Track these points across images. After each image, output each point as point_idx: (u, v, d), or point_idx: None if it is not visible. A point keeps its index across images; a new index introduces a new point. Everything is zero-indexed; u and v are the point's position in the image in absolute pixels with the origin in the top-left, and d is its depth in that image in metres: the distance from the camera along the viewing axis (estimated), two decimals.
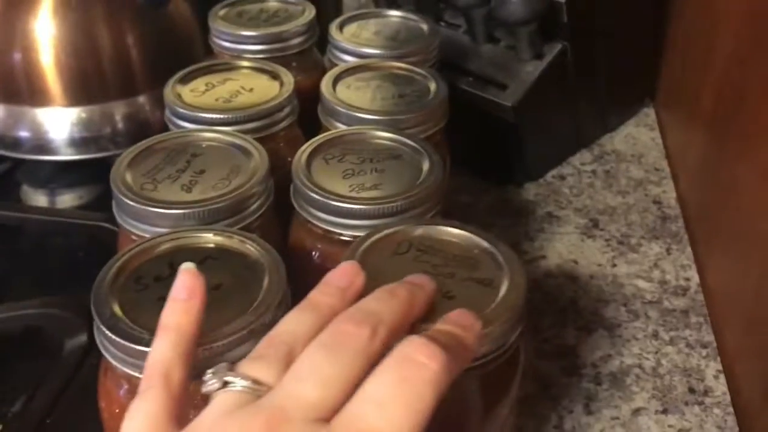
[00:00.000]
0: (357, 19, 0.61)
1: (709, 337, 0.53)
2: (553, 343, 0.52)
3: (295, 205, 0.41)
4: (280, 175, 0.44)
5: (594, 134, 0.73)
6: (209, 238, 0.36)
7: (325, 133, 0.44)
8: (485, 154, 0.67)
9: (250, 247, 0.35)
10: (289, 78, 0.50)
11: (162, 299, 0.30)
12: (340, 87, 0.51)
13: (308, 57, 0.60)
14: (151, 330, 0.29)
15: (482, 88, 0.62)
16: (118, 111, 0.67)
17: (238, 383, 0.26)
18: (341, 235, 0.40)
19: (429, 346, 0.25)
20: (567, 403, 0.48)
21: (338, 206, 0.39)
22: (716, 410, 0.48)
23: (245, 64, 0.52)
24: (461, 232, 0.37)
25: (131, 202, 0.38)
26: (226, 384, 0.26)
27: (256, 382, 0.26)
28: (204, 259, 0.35)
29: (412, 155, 0.43)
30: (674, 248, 0.61)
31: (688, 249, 0.61)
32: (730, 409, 0.48)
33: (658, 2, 0.72)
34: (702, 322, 0.54)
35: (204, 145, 0.43)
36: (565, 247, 0.61)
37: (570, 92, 0.65)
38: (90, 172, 0.66)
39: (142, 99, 0.67)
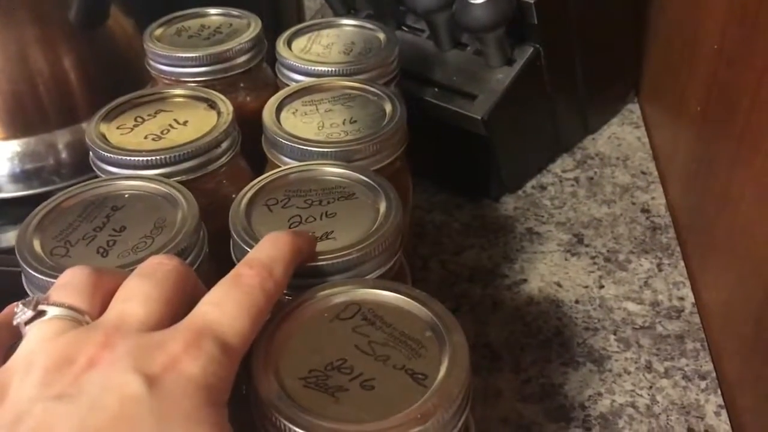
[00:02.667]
0: (307, 31, 0.55)
1: (708, 366, 0.48)
2: (537, 382, 0.48)
3: (236, 262, 0.36)
4: (225, 217, 0.38)
5: (575, 138, 0.68)
6: None
7: (265, 175, 0.39)
8: (457, 169, 0.62)
9: None
10: (227, 106, 0.45)
11: None
12: (285, 114, 0.46)
13: (257, 75, 0.54)
14: None
15: (449, 100, 0.56)
16: (61, 140, 0.62)
17: (56, 311, 0.27)
18: (289, 296, 0.35)
19: (251, 262, 0.29)
20: None
21: None
22: None
23: (179, 92, 0.47)
24: (421, 307, 0.31)
25: (36, 273, 0.33)
26: (41, 313, 0.27)
27: (73, 308, 0.27)
28: None
29: (366, 193, 0.38)
30: (666, 263, 0.56)
31: (681, 263, 0.56)
32: None
33: None
34: (699, 349, 0.49)
35: (126, 195, 0.38)
36: (548, 267, 0.56)
37: (546, 97, 0.60)
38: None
39: (86, 126, 0.62)
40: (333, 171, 0.39)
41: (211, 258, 0.38)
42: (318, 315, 0.31)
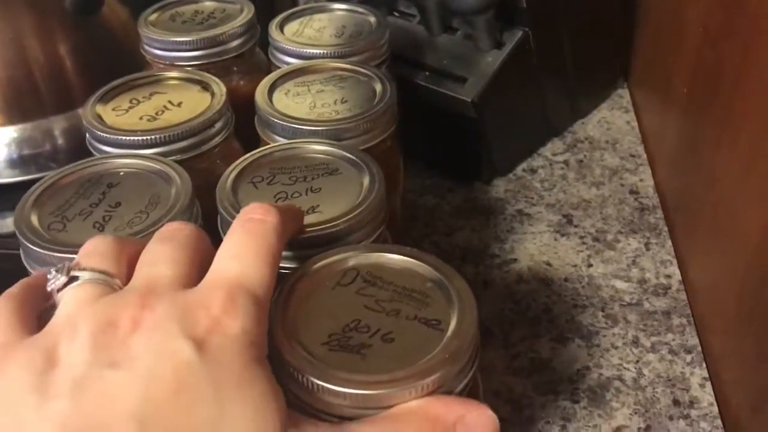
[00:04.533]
0: (299, 16, 0.56)
1: (694, 341, 0.49)
2: (526, 357, 0.49)
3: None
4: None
5: (565, 122, 0.69)
6: None
7: (250, 153, 0.40)
8: (449, 152, 0.63)
9: None
10: (221, 88, 0.46)
11: None
12: (277, 94, 0.46)
13: (250, 59, 0.55)
14: None
15: (439, 83, 0.57)
16: (58, 126, 0.63)
17: (88, 275, 0.27)
18: (283, 269, 0.36)
19: (262, 206, 0.30)
20: (543, 425, 0.45)
21: None
22: (703, 424, 0.44)
23: (173, 74, 0.48)
24: (416, 261, 0.32)
25: (34, 247, 0.34)
26: (74, 279, 0.27)
27: (104, 272, 0.28)
28: None
29: (350, 169, 0.39)
30: (653, 242, 0.57)
31: (669, 243, 0.57)
32: (718, 422, 0.44)
33: None
34: (685, 324, 0.50)
35: (121, 173, 0.39)
36: (537, 247, 0.57)
37: (535, 81, 0.61)
38: None
39: (82, 112, 0.63)
40: (317, 149, 0.40)
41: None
42: (319, 284, 0.32)
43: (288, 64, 0.51)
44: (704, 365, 0.48)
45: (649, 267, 0.55)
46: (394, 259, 0.33)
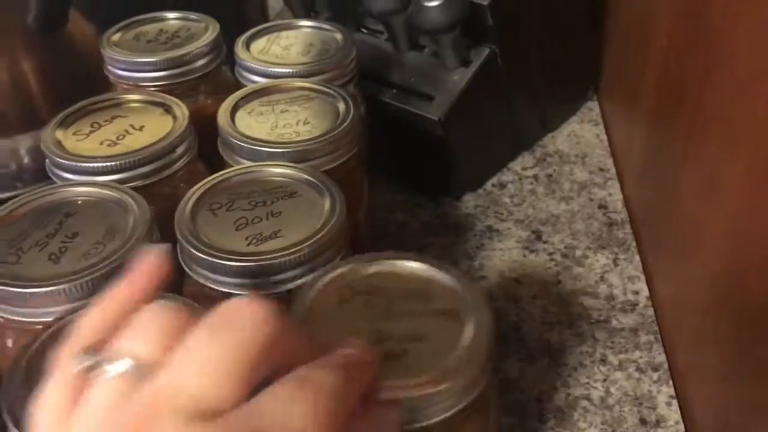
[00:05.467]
0: (266, 33, 0.56)
1: (661, 358, 0.49)
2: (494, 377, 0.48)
3: (186, 268, 0.37)
4: None
5: (535, 136, 0.69)
6: None
7: (207, 179, 0.39)
8: (418, 168, 0.63)
9: None
10: (183, 111, 0.46)
11: None
12: (240, 114, 0.46)
13: (216, 78, 0.55)
14: None
15: (407, 101, 0.57)
16: (23, 146, 0.62)
17: (121, 366, 0.23)
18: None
19: (319, 370, 0.24)
20: None
21: (237, 266, 0.35)
22: None
23: (135, 97, 0.47)
24: (398, 263, 0.34)
25: None
26: (102, 366, 0.24)
27: (140, 362, 0.23)
28: None
29: (310, 191, 0.39)
30: (621, 258, 0.57)
31: (637, 258, 0.57)
32: None
33: None
34: (653, 341, 0.51)
35: (79, 202, 0.38)
36: (507, 264, 0.57)
37: (503, 97, 0.61)
38: None
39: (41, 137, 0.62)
40: (275, 171, 0.40)
41: None
42: (324, 306, 0.32)
43: (254, 82, 0.51)
44: (671, 383, 0.48)
45: (617, 283, 0.55)
46: (379, 266, 0.34)
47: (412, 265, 0.33)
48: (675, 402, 0.47)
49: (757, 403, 0.38)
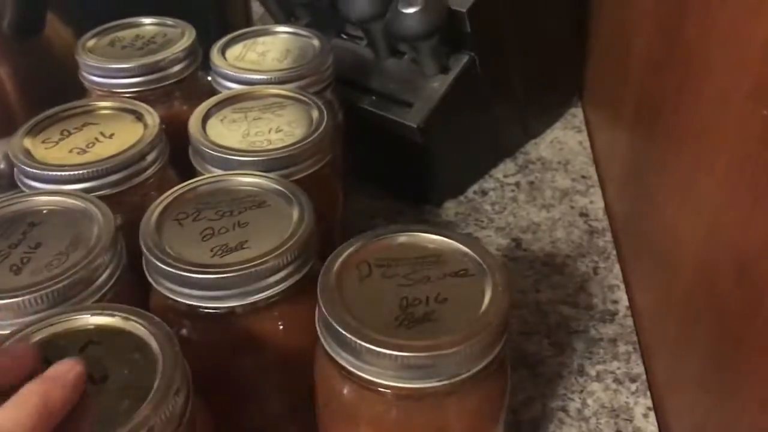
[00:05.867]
0: (243, 39, 0.55)
1: (639, 368, 0.49)
2: None
3: (151, 280, 0.36)
4: None
5: (517, 143, 0.68)
6: (86, 320, 0.31)
7: (174, 188, 0.39)
8: (398, 175, 0.63)
9: (137, 325, 0.30)
10: (154, 118, 0.45)
11: None
12: (212, 121, 0.46)
13: (192, 84, 0.54)
14: None
15: (386, 108, 0.57)
16: None
17: None
18: (208, 308, 0.35)
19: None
20: None
21: (200, 278, 0.34)
22: None
23: (106, 104, 0.47)
24: (406, 234, 0.36)
25: None
26: None
27: None
28: (85, 345, 0.30)
29: (278, 200, 0.38)
30: (601, 267, 0.57)
31: (617, 267, 0.57)
32: None
33: (576, 3, 0.67)
34: (631, 352, 0.50)
35: (44, 211, 0.38)
36: None
37: (483, 104, 0.60)
38: None
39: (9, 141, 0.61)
40: (243, 181, 0.40)
41: (132, 271, 0.38)
42: (346, 283, 0.33)
43: (229, 89, 0.50)
44: (648, 394, 0.47)
45: (597, 292, 0.54)
46: (387, 240, 0.35)
47: (419, 235, 0.35)
48: (652, 414, 0.46)
49: (734, 414, 0.37)
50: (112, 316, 0.31)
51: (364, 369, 0.30)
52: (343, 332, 0.30)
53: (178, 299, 0.35)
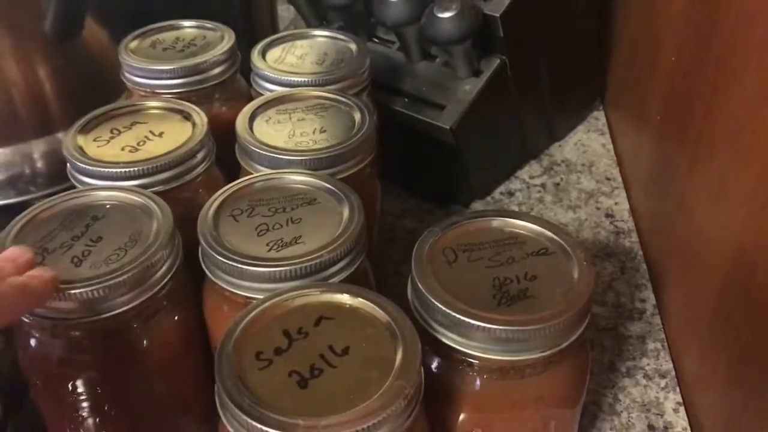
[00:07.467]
0: (281, 42, 0.57)
1: (668, 365, 0.50)
2: None
3: (208, 273, 0.37)
4: None
5: (542, 145, 0.70)
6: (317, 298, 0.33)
7: (230, 185, 0.40)
8: (428, 176, 0.64)
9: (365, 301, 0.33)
10: (202, 118, 0.46)
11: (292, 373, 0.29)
12: (258, 122, 0.47)
13: (232, 86, 0.56)
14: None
15: (419, 110, 0.58)
16: (37, 150, 0.63)
17: None
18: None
19: None
20: None
21: (260, 271, 0.35)
22: None
23: (154, 104, 0.48)
24: (482, 219, 0.38)
25: None
26: None
27: None
28: (319, 319, 0.32)
29: (329, 198, 0.40)
30: (629, 266, 0.58)
31: (643, 266, 0.58)
32: None
33: (601, 8, 0.69)
34: (660, 349, 0.51)
35: (107, 206, 0.39)
36: None
37: (512, 107, 0.62)
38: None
39: (62, 136, 0.63)
40: (294, 179, 0.41)
41: (186, 266, 0.39)
42: (436, 267, 0.35)
43: (270, 91, 0.52)
44: (678, 390, 0.49)
45: (625, 291, 0.56)
46: (463, 228, 0.38)
47: (493, 219, 0.38)
48: (682, 409, 0.47)
49: (765, 409, 0.38)
50: (341, 293, 0.33)
51: (470, 346, 0.33)
52: (453, 314, 0.33)
53: (236, 291, 0.36)
